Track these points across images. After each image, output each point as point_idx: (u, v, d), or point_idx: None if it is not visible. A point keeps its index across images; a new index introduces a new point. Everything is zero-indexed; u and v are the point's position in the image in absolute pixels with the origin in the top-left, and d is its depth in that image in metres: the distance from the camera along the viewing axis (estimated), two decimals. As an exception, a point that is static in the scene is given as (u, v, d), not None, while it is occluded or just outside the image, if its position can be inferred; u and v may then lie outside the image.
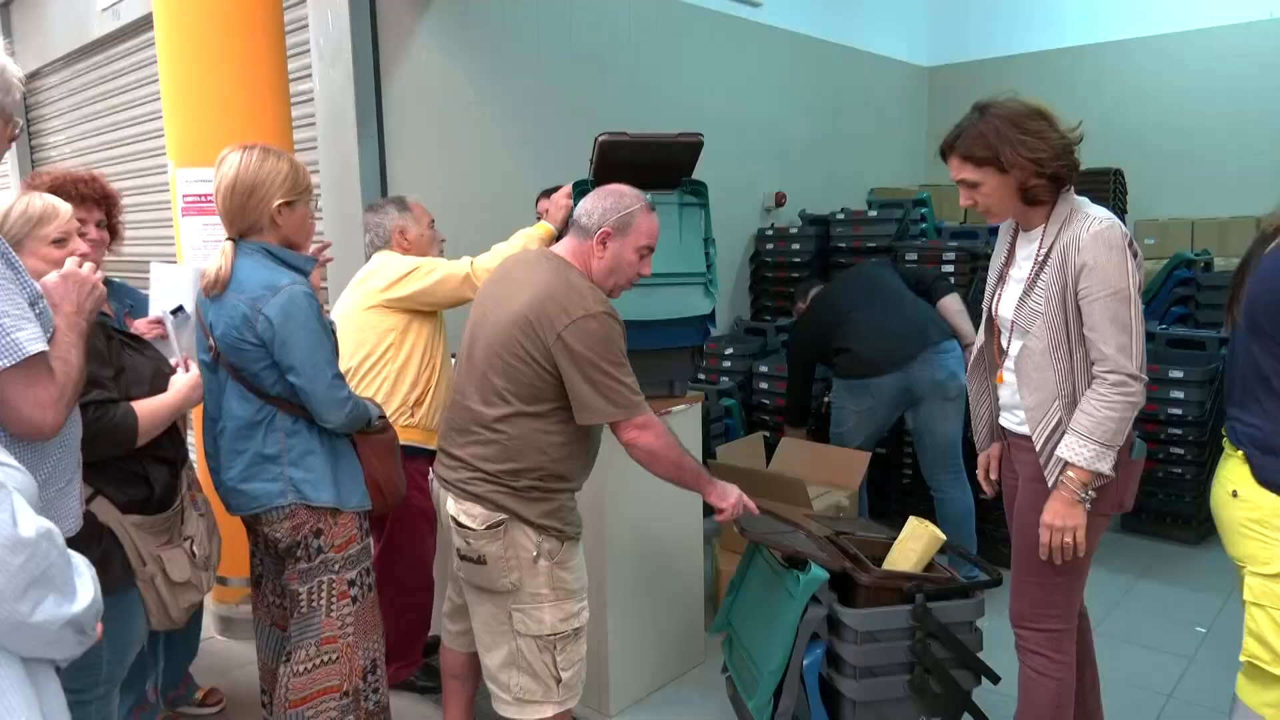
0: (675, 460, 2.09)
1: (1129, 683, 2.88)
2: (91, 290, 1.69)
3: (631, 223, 2.10)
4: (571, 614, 2.11)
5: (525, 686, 2.10)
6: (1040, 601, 2.12)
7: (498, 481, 2.03)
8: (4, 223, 1.90)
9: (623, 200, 2.11)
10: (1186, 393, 3.98)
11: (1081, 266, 1.92)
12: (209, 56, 3.07)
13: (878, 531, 2.66)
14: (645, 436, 2.04)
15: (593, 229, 2.10)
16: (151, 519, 2.03)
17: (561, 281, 2.03)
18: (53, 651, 1.15)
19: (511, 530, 2.03)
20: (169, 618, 2.08)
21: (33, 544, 1.06)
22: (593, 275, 2.11)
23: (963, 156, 2.03)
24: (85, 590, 1.16)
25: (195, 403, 2.07)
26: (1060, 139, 1.97)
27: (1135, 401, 1.92)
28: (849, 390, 3.64)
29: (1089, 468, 1.93)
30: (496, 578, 2.05)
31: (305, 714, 2.16)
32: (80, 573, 1.17)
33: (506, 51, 4.10)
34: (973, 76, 6.74)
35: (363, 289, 2.79)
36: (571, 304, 1.98)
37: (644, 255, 2.14)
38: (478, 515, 2.04)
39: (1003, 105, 2.01)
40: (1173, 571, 3.83)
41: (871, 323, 3.56)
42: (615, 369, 1.99)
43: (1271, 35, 5.65)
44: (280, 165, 2.06)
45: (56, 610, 1.10)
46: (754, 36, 5.42)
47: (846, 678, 2.24)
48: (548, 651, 2.09)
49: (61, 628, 1.12)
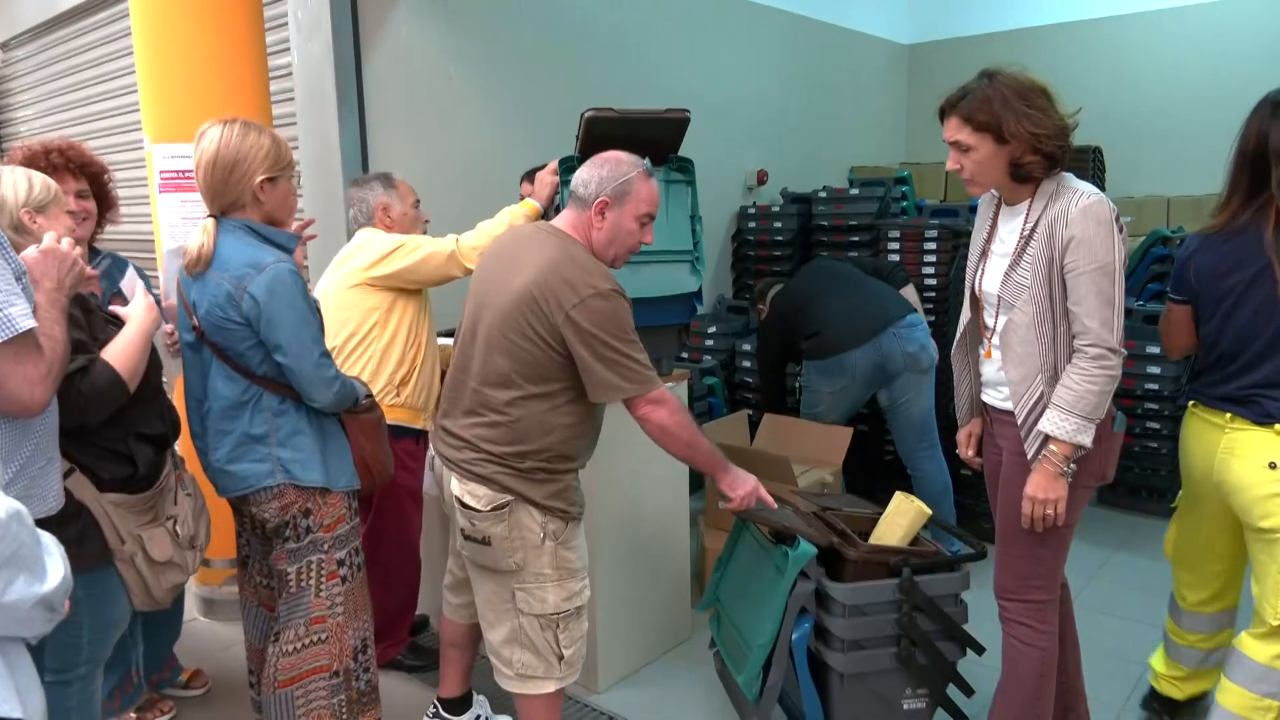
0: (688, 440, 2.06)
1: (1107, 654, 2.93)
2: (72, 266, 1.67)
3: (629, 190, 2.05)
4: (574, 593, 2.11)
5: (527, 663, 2.11)
6: (1024, 574, 2.15)
7: (503, 463, 2.02)
8: (30, 191, 1.92)
9: (619, 168, 2.07)
10: (1163, 368, 4.04)
11: (1069, 240, 1.93)
12: (185, 30, 3.00)
13: (863, 507, 2.68)
14: (659, 412, 2.01)
15: (590, 199, 2.05)
16: (133, 497, 2.01)
17: (566, 258, 1.99)
18: (23, 630, 1.16)
19: (517, 511, 2.03)
20: (151, 598, 2.07)
21: (3, 525, 1.06)
22: (593, 247, 2.08)
23: (963, 118, 2.01)
24: (55, 569, 1.17)
25: (156, 324, 2.02)
26: (1059, 120, 1.97)
27: (1114, 375, 1.95)
28: (821, 372, 3.63)
29: (1070, 441, 1.95)
30: (501, 558, 2.04)
31: (294, 694, 2.14)
32: (49, 551, 1.18)
33: (488, 27, 4.05)
34: (953, 54, 6.75)
35: (346, 267, 2.76)
36: (578, 281, 1.95)
37: (644, 223, 2.10)
38: (483, 496, 2.03)
39: (1010, 76, 1.99)
40: (1148, 544, 3.90)
41: (836, 305, 3.58)
42: (627, 345, 1.97)
43: (1246, 13, 5.70)
44: (262, 140, 2.02)
45: (27, 590, 1.11)
46: (736, 12, 5.39)
47: (834, 651, 2.26)
48: (550, 630, 2.09)
49: (32, 607, 1.13)
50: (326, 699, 2.17)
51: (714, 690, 2.78)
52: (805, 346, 3.66)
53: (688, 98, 3.43)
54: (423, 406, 2.83)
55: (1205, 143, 6.29)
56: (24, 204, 1.91)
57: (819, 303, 3.63)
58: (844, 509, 2.61)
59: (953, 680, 2.33)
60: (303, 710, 2.14)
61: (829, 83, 6.22)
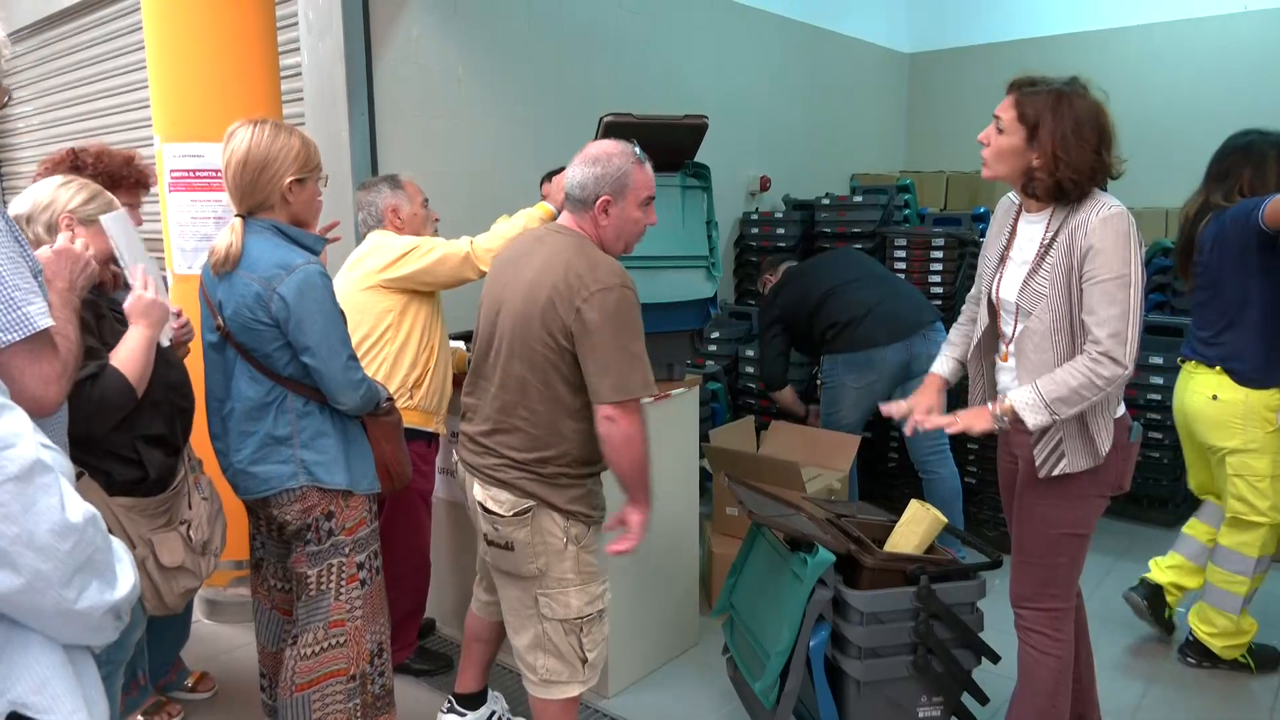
0: (642, 458, 1.99)
1: (1112, 662, 2.95)
2: (84, 268, 1.66)
3: (628, 183, 2.03)
4: (596, 596, 2.11)
5: (552, 668, 2.10)
6: (1041, 581, 2.15)
7: (525, 468, 2.01)
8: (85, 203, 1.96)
9: (612, 162, 2.03)
10: (1165, 379, 4.06)
11: (1088, 249, 1.93)
12: (196, 29, 2.99)
13: (876, 514, 2.69)
14: (631, 421, 1.95)
15: (591, 200, 2.03)
16: (145, 501, 1.99)
17: (580, 256, 1.99)
18: (93, 638, 1.12)
19: (539, 517, 2.02)
20: (163, 603, 2.05)
21: (80, 529, 1.04)
22: (603, 243, 2.07)
23: (1015, 101, 2.00)
24: (125, 576, 1.14)
25: (160, 321, 1.98)
26: (1095, 159, 1.95)
27: (1102, 380, 1.92)
28: (849, 365, 3.57)
29: (1016, 408, 1.97)
30: (523, 563, 2.04)
31: (311, 697, 2.13)
32: (119, 558, 1.15)
33: (498, 29, 4.05)
34: (953, 63, 6.79)
35: (359, 269, 2.75)
36: (588, 277, 1.94)
37: (647, 205, 2.09)
38: (505, 502, 2.03)
39: (1084, 96, 1.97)
40: (1151, 553, 3.88)
41: (869, 296, 3.55)
42: (632, 342, 1.94)
43: (1247, 28, 5.75)
44: (292, 141, 2.01)
45: (100, 597, 1.08)
46: (740, 19, 5.40)
47: (851, 658, 2.27)
48: (574, 634, 2.09)
49: (103, 614, 1.09)
50: (343, 702, 2.16)
51: (724, 695, 2.78)
52: (830, 335, 3.59)
53: (691, 102, 3.44)
54: (435, 409, 2.81)
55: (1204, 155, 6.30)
56: (71, 209, 1.90)
57: (849, 290, 3.58)
58: (858, 516, 2.62)
59: (968, 689, 2.34)
60: (319, 713, 2.13)
61: (831, 90, 6.24)
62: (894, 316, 3.49)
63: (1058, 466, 2.04)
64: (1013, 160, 2.01)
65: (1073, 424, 2.02)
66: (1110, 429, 2.05)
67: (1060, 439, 2.03)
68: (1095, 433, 2.03)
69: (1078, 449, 2.03)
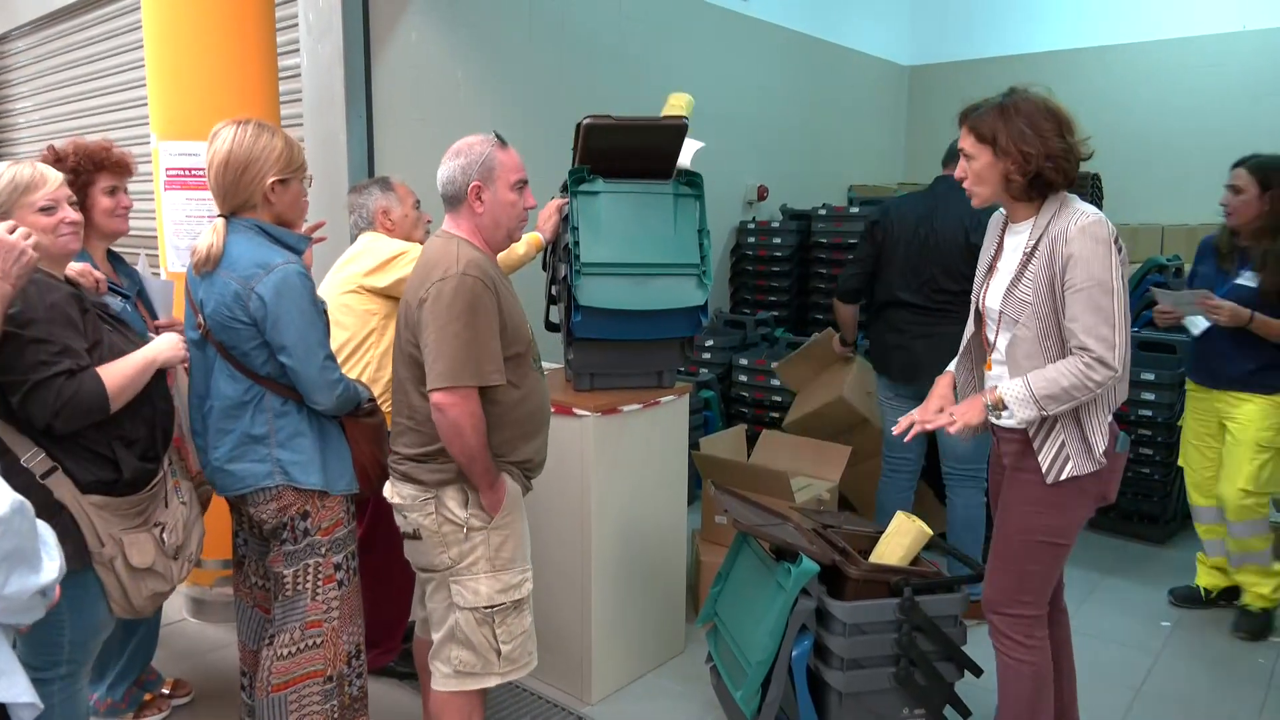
0: (479, 445, 1.95)
1: (1098, 677, 2.94)
2: (19, 257, 1.66)
3: (493, 165, 2.03)
4: (511, 585, 2.08)
5: (464, 659, 2.07)
6: (1012, 588, 2.15)
7: (419, 462, 2.04)
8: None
9: (474, 150, 2.03)
10: (1157, 395, 4.06)
11: (1069, 258, 1.97)
12: (196, 28, 3.00)
13: (862, 525, 2.68)
14: (461, 409, 1.91)
15: (462, 192, 2.03)
16: (118, 500, 1.95)
17: (438, 253, 1.99)
18: (23, 617, 1.20)
19: (441, 504, 2.03)
20: (130, 605, 2.00)
21: (6, 520, 1.08)
22: (483, 235, 2.06)
23: (970, 127, 2.08)
24: (51, 560, 1.20)
25: (170, 359, 1.98)
26: (1061, 144, 2.00)
27: (1091, 381, 1.95)
28: None
29: (1006, 399, 2.01)
30: (433, 553, 2.05)
31: (288, 698, 2.12)
32: (45, 543, 1.21)
33: (497, 33, 4.07)
34: (952, 77, 6.82)
35: (347, 270, 2.75)
36: (437, 270, 1.94)
37: (520, 189, 2.08)
38: (408, 495, 2.06)
39: (1026, 96, 2.05)
40: (1139, 569, 3.91)
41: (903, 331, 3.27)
42: (457, 323, 1.89)
43: (1243, 47, 5.77)
44: (274, 142, 2.02)
45: (24, 582, 1.14)
46: (741, 29, 5.42)
47: (833, 669, 2.26)
48: (487, 625, 2.06)
49: (30, 597, 1.17)
50: (320, 704, 2.15)
51: (707, 705, 2.76)
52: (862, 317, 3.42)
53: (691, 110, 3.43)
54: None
55: (1200, 172, 6.38)
56: None
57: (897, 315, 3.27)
58: (844, 527, 2.61)
59: (950, 701, 2.33)
60: (296, 714, 2.12)
61: (830, 101, 6.26)
62: (912, 367, 3.22)
63: (1065, 470, 2.05)
64: (990, 176, 2.07)
65: (1073, 427, 2.04)
66: (1106, 431, 2.07)
67: (1063, 442, 2.05)
68: (1090, 434, 2.05)
69: (1079, 452, 2.05)
